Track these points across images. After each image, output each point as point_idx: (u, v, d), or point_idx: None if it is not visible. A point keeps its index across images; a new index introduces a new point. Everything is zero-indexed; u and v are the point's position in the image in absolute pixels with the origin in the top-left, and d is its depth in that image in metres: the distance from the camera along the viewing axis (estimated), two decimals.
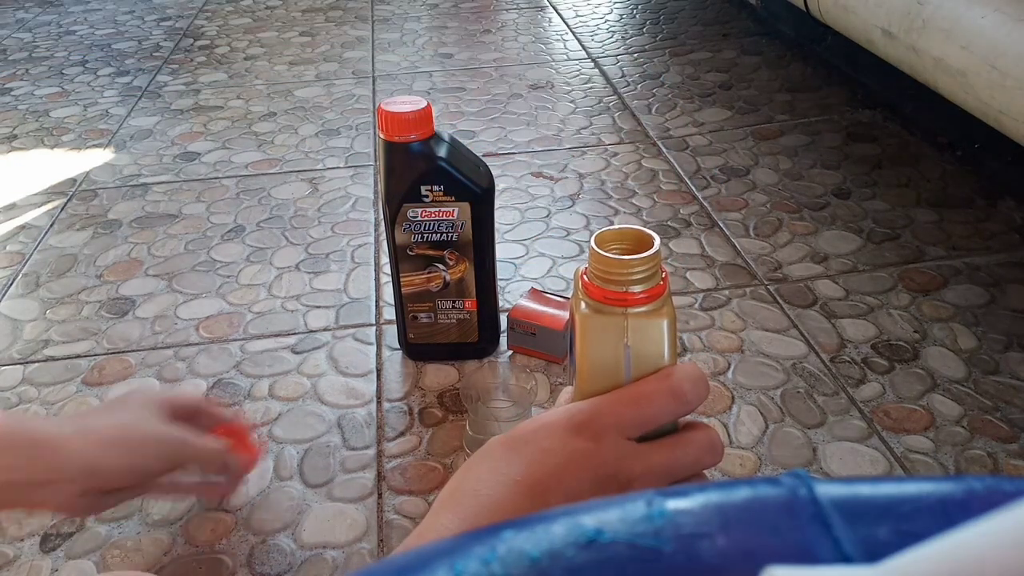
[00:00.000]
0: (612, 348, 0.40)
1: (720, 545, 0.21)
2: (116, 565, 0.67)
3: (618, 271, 0.40)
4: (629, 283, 0.40)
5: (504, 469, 0.38)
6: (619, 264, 0.40)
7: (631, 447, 0.38)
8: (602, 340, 0.40)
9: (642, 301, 0.40)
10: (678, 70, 1.54)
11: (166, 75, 1.66)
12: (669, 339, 0.40)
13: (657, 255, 0.41)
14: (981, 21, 0.81)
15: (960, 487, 0.22)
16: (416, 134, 0.73)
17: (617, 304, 0.40)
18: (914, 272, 0.96)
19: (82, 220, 1.16)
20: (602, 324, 0.40)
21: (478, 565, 0.21)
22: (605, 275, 0.40)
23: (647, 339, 0.40)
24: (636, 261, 0.40)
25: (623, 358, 0.40)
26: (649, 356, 0.40)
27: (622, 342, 0.40)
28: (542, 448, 0.38)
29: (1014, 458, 0.72)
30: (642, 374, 0.40)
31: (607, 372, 0.40)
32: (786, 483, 0.22)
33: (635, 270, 0.40)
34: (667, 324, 0.40)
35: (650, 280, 0.40)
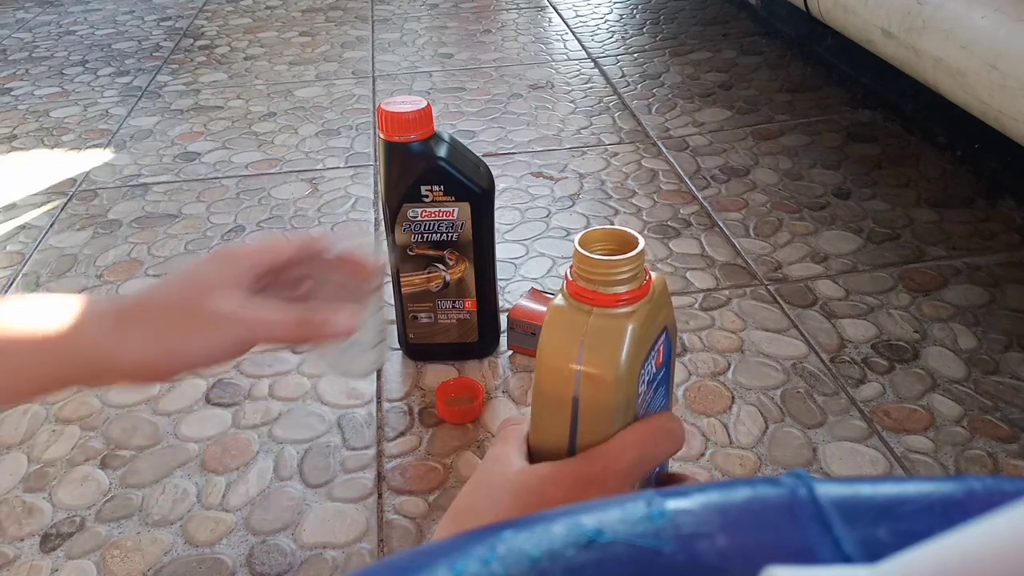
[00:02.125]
0: (569, 340, 0.39)
1: (720, 545, 0.21)
2: (116, 565, 0.67)
3: (592, 269, 0.40)
4: (600, 283, 0.39)
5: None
6: (595, 264, 0.40)
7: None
8: (561, 330, 0.40)
9: (611, 302, 0.39)
10: (678, 70, 1.54)
11: (166, 75, 1.66)
12: (631, 349, 0.39)
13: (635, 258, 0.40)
14: (981, 21, 0.81)
15: (960, 487, 0.22)
16: (416, 134, 0.73)
17: (585, 301, 0.40)
18: (914, 272, 0.96)
19: (82, 220, 1.16)
20: (566, 318, 0.40)
21: (478, 565, 0.21)
22: (581, 271, 0.40)
23: (604, 339, 0.39)
24: (610, 262, 0.39)
25: (576, 353, 0.39)
26: (602, 354, 0.38)
27: (579, 339, 0.39)
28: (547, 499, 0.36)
29: (1014, 458, 0.72)
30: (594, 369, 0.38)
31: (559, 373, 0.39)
32: (786, 483, 0.22)
33: (609, 272, 0.39)
34: (631, 329, 0.39)
35: (626, 284, 0.40)
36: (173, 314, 0.48)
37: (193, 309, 0.47)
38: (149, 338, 0.47)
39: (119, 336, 0.46)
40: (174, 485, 0.73)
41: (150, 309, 0.48)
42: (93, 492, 0.73)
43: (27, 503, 0.72)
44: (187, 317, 0.47)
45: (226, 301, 0.48)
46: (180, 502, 0.72)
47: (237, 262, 0.50)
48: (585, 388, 0.39)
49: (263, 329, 0.48)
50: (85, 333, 0.46)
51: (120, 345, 0.46)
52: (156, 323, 0.47)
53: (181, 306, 0.48)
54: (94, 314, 0.47)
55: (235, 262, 0.50)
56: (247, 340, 0.48)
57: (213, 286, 0.48)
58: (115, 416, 0.81)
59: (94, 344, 0.46)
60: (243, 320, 0.48)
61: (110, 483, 0.74)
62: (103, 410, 0.82)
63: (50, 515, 0.71)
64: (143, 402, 0.83)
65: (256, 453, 0.76)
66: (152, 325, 0.47)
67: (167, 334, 0.47)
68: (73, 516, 0.71)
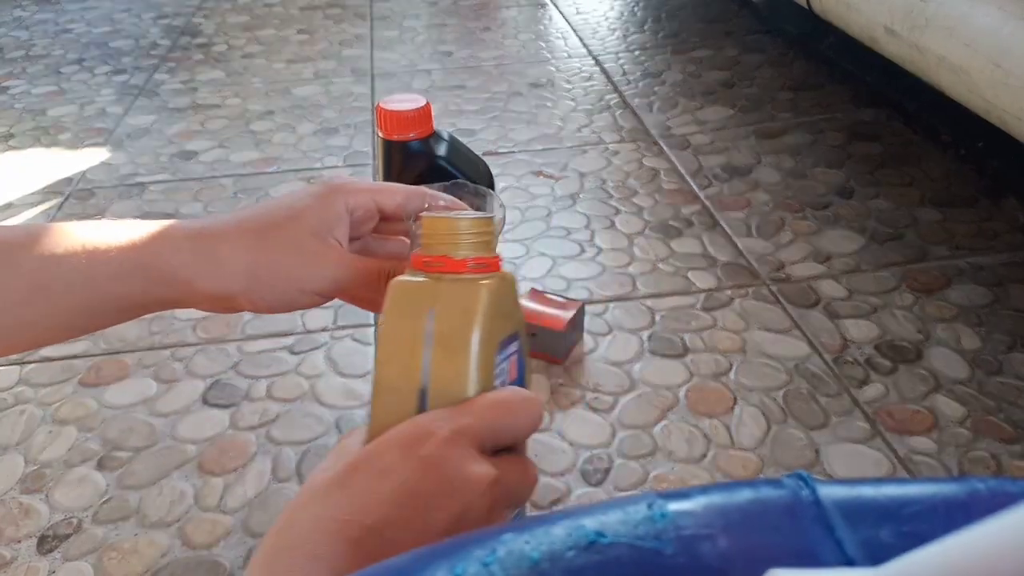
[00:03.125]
0: (415, 312, 0.35)
1: (722, 547, 0.20)
2: (113, 567, 0.66)
3: (441, 230, 0.37)
4: (451, 245, 0.36)
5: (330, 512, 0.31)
6: (443, 223, 0.37)
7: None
8: (406, 306, 0.35)
9: (461, 266, 0.36)
10: (679, 68, 1.54)
11: (163, 73, 1.66)
12: (485, 316, 0.35)
13: (485, 222, 0.37)
14: (985, 19, 0.80)
15: (963, 488, 0.22)
16: (415, 132, 0.72)
17: (433, 270, 0.36)
18: (917, 272, 0.95)
19: (79, 219, 1.16)
20: (411, 289, 0.36)
21: (478, 567, 0.20)
22: (428, 238, 0.37)
23: (457, 307, 0.35)
24: (461, 223, 0.37)
25: (425, 324, 0.35)
26: (455, 326, 0.35)
27: (428, 306, 0.35)
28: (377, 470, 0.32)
29: (1017, 459, 0.71)
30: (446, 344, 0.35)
31: (405, 343, 0.35)
32: (788, 485, 0.22)
33: (459, 232, 0.36)
34: (486, 295, 0.35)
35: (476, 249, 0.37)
36: (267, 243, 0.42)
37: (291, 240, 0.42)
38: (237, 266, 0.42)
39: (200, 261, 0.42)
40: (171, 486, 0.73)
41: (241, 233, 0.42)
42: (90, 493, 0.73)
43: (24, 504, 0.72)
44: (283, 248, 0.42)
45: (327, 238, 0.43)
46: (177, 504, 0.71)
47: (345, 196, 0.44)
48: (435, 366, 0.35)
49: (363, 277, 0.43)
50: (165, 254, 0.42)
51: (203, 271, 0.41)
52: (245, 249, 0.42)
53: (278, 235, 0.42)
54: (176, 235, 0.42)
55: (343, 196, 0.44)
56: (343, 283, 0.43)
57: (316, 218, 0.43)
58: (112, 417, 0.81)
59: (171, 267, 0.42)
60: (345, 260, 0.43)
61: (107, 484, 0.74)
62: (100, 411, 0.82)
63: (47, 517, 0.71)
64: (140, 403, 0.83)
65: (254, 454, 0.76)
66: (240, 251, 0.42)
67: (258, 264, 0.42)
68: (70, 518, 0.71)
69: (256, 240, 0.42)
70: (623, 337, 0.87)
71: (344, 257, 0.43)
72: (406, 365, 0.35)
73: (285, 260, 0.42)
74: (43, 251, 0.41)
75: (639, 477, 0.71)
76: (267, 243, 0.42)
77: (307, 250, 0.42)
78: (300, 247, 0.42)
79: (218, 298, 0.43)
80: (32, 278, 0.41)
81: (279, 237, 0.42)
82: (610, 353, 0.85)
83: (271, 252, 0.42)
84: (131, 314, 0.44)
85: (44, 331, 0.43)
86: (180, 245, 0.42)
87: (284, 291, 0.43)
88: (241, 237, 0.42)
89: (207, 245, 0.42)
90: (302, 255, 0.42)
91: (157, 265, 0.42)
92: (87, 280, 0.41)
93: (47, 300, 0.41)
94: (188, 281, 0.42)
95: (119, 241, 0.42)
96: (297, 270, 0.42)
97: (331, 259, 0.43)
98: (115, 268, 0.41)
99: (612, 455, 0.73)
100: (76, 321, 0.43)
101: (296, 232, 0.42)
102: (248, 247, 0.42)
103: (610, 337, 0.87)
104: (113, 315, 0.43)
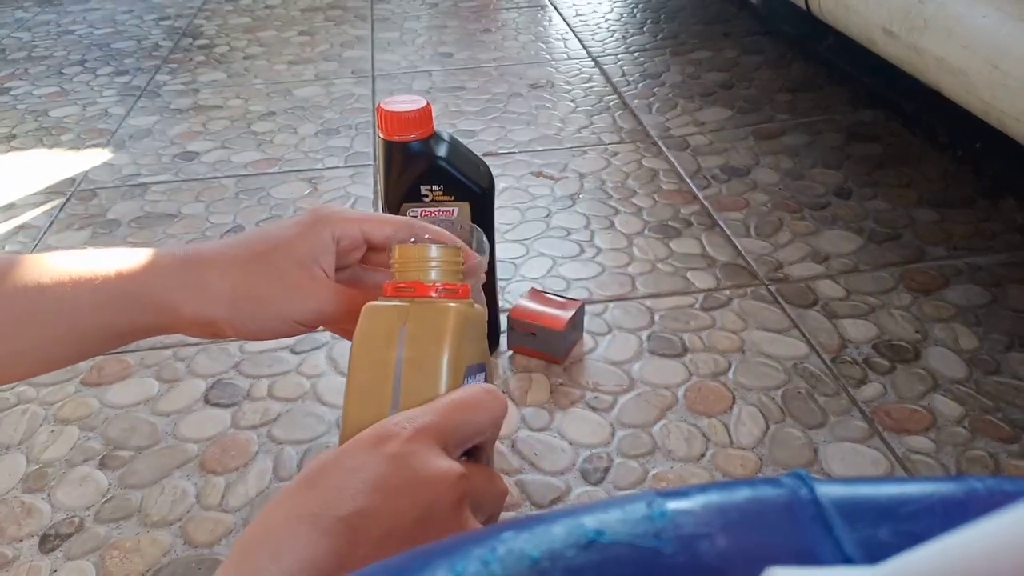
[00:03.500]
0: (387, 332, 0.37)
1: (721, 546, 0.20)
2: (115, 566, 0.66)
3: (412, 257, 0.39)
4: (421, 271, 0.39)
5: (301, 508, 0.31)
6: (415, 250, 0.39)
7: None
8: (378, 325, 0.37)
9: (431, 290, 0.38)
10: (679, 69, 1.54)
11: (165, 74, 1.66)
12: (454, 335, 0.37)
13: (454, 251, 0.40)
14: (983, 20, 0.80)
15: (961, 488, 0.22)
16: (416, 133, 0.72)
17: (405, 296, 0.38)
18: (915, 272, 0.95)
19: (81, 220, 1.16)
20: (383, 311, 0.38)
21: (478, 566, 0.21)
22: (400, 265, 0.39)
23: (428, 325, 0.37)
24: (429, 248, 0.39)
25: (396, 342, 0.36)
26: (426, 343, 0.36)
27: (399, 326, 0.37)
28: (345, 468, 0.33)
29: (1015, 459, 0.71)
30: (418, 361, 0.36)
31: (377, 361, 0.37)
32: (787, 484, 0.22)
33: (430, 258, 0.39)
34: (455, 315, 0.37)
35: (445, 275, 0.39)
36: (252, 272, 0.43)
37: (275, 270, 0.43)
38: (220, 294, 0.42)
39: (186, 286, 0.42)
40: (173, 486, 0.73)
41: (227, 261, 0.43)
42: (92, 493, 0.73)
43: (26, 504, 0.72)
44: (267, 278, 0.43)
45: (313, 268, 0.43)
46: (179, 503, 0.72)
47: (332, 227, 0.44)
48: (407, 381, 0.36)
49: (347, 308, 0.43)
50: (151, 281, 0.42)
51: (187, 297, 0.42)
52: (230, 278, 0.43)
53: (262, 264, 0.43)
54: (162, 262, 0.43)
55: (330, 226, 0.44)
56: (327, 314, 0.44)
57: (301, 249, 0.43)
58: (114, 416, 0.81)
59: (156, 294, 0.42)
60: (330, 291, 0.44)
61: (109, 483, 0.74)
62: (102, 410, 0.82)
63: (49, 516, 0.71)
64: (142, 402, 0.83)
65: (255, 453, 0.76)
66: (226, 279, 0.42)
67: (241, 293, 0.42)
68: (72, 517, 0.71)
69: (241, 269, 0.43)
70: (622, 337, 0.88)
71: (327, 288, 0.44)
72: (378, 381, 0.36)
73: (268, 289, 0.43)
74: (28, 281, 0.41)
75: (638, 476, 0.72)
76: (251, 272, 0.43)
77: (290, 280, 0.43)
78: (283, 277, 0.43)
79: (202, 324, 0.43)
80: (18, 309, 0.41)
81: (263, 266, 0.43)
82: (610, 353, 0.85)
83: (255, 281, 0.43)
84: (118, 342, 0.44)
85: (33, 362, 0.43)
86: (165, 272, 0.42)
87: (266, 319, 0.43)
88: (226, 265, 0.43)
89: (192, 272, 0.42)
90: (285, 285, 0.43)
91: (143, 292, 0.42)
92: (73, 309, 0.41)
93: (34, 331, 0.42)
94: (173, 307, 0.42)
95: (105, 270, 0.42)
96: (279, 300, 0.43)
97: (314, 290, 0.43)
98: (101, 297, 0.42)
99: (612, 454, 0.74)
100: (64, 351, 0.43)
101: (281, 262, 0.43)
102: (232, 275, 0.43)
103: (610, 337, 0.88)
104: (100, 344, 0.44)
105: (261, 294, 0.43)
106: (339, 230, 0.45)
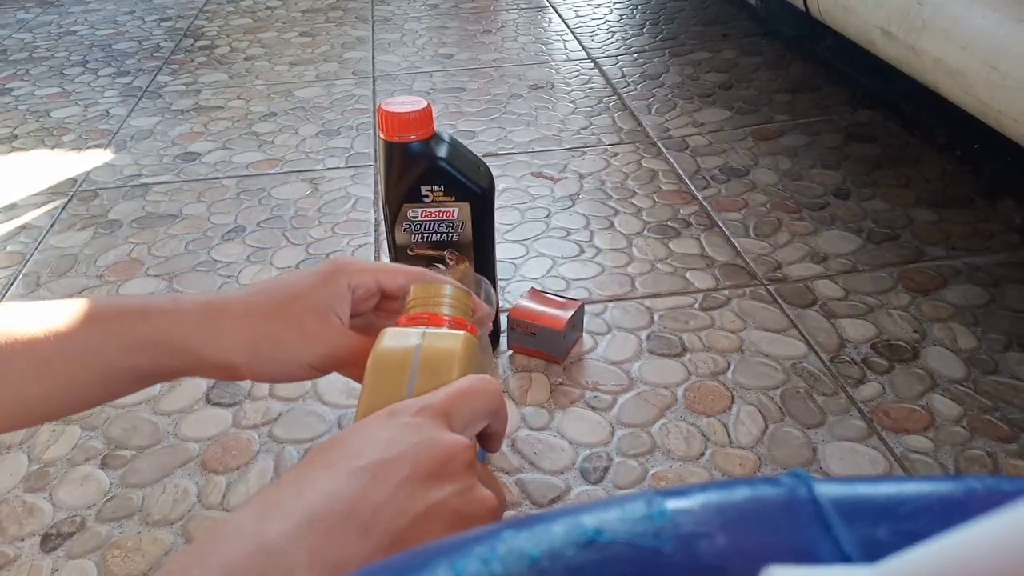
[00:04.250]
0: (402, 351, 0.41)
1: (720, 545, 0.21)
2: (116, 565, 0.67)
3: (428, 293, 0.44)
4: (435, 305, 0.44)
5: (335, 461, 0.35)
6: (430, 287, 0.44)
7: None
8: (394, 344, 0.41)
9: (443, 320, 0.43)
10: (678, 70, 1.54)
11: (166, 75, 1.66)
12: (463, 358, 0.41)
13: (465, 294, 0.45)
14: (981, 21, 0.81)
15: (960, 487, 0.22)
16: (416, 134, 0.73)
17: (419, 324, 0.43)
18: (914, 272, 0.96)
19: (83, 220, 1.16)
20: (400, 332, 0.42)
21: (478, 564, 0.21)
22: (415, 300, 0.44)
23: (439, 347, 0.41)
24: (445, 286, 0.45)
25: (410, 362, 0.40)
26: (438, 361, 0.40)
27: (414, 346, 0.41)
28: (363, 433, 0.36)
29: (1013, 458, 0.72)
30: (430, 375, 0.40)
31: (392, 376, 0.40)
32: (786, 483, 0.22)
33: (443, 295, 0.44)
34: (464, 341, 0.42)
35: (456, 311, 0.44)
36: (270, 318, 0.46)
37: (292, 317, 0.46)
38: (239, 339, 0.45)
39: (208, 333, 0.45)
40: (174, 485, 0.73)
41: (247, 309, 0.46)
42: (93, 492, 0.73)
43: (27, 503, 0.72)
44: (284, 325, 0.46)
45: (329, 315, 0.47)
46: (180, 502, 0.72)
47: (348, 276, 0.48)
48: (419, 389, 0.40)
49: (360, 354, 0.46)
50: (175, 327, 0.45)
51: (208, 342, 0.45)
52: (250, 324, 0.46)
53: (280, 312, 0.46)
54: (185, 308, 0.45)
55: (346, 276, 0.48)
56: (341, 359, 0.47)
57: (318, 297, 0.47)
58: (115, 416, 0.81)
59: (179, 339, 0.45)
60: (345, 337, 0.47)
61: (110, 483, 0.74)
62: (103, 410, 0.82)
63: (50, 515, 0.71)
64: (143, 402, 0.83)
65: (256, 453, 0.76)
66: (245, 326, 0.45)
67: (259, 338, 0.45)
68: (73, 516, 0.71)
69: (261, 316, 0.46)
70: (622, 336, 0.88)
71: (342, 334, 0.47)
72: (391, 395, 0.39)
73: (285, 337, 0.46)
74: (57, 325, 0.44)
75: (638, 475, 0.72)
76: (271, 320, 0.46)
77: (307, 328, 0.46)
78: (301, 324, 0.46)
79: (222, 367, 0.46)
80: (48, 351, 0.43)
81: (283, 315, 0.46)
82: (609, 352, 0.86)
83: (273, 328, 0.46)
84: (141, 384, 0.47)
85: (61, 404, 0.45)
86: (188, 319, 0.45)
87: (283, 364, 0.46)
88: (246, 314, 0.46)
89: (214, 320, 0.45)
90: (302, 332, 0.46)
91: (167, 338, 0.45)
92: (101, 353, 0.44)
93: (63, 374, 0.44)
94: (195, 351, 0.45)
95: (131, 316, 0.45)
96: (295, 346, 0.46)
97: (329, 336, 0.47)
98: (127, 341, 0.44)
99: (611, 453, 0.74)
100: (91, 393, 0.45)
101: (298, 311, 0.46)
102: (252, 323, 0.46)
103: (609, 336, 0.88)
104: (125, 385, 0.46)
105: (279, 341, 0.46)
106: (355, 280, 0.48)
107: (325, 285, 0.47)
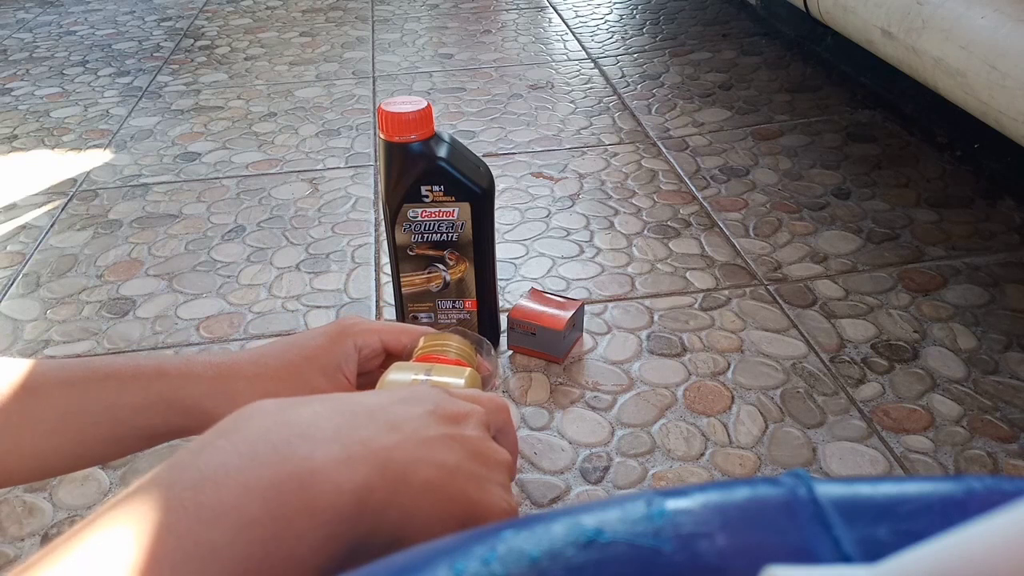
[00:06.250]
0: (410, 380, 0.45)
1: (720, 545, 0.21)
2: None
3: (437, 341, 0.49)
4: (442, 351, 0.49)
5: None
6: (438, 336, 0.49)
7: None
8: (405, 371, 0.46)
9: (449, 360, 0.48)
10: (678, 70, 1.54)
11: (166, 75, 1.66)
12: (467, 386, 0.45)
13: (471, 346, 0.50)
14: (981, 21, 0.81)
15: (960, 487, 0.22)
16: (416, 134, 0.73)
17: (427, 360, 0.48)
18: (914, 272, 0.96)
19: (83, 220, 1.16)
20: (409, 364, 0.47)
21: (478, 564, 0.21)
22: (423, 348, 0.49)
23: (447, 375, 0.45)
24: (452, 338, 0.50)
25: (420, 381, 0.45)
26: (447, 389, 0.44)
27: (423, 377, 0.45)
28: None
29: (1014, 458, 0.72)
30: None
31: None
32: (786, 483, 0.22)
33: (449, 343, 0.49)
34: (470, 372, 0.46)
35: (461, 356, 0.49)
36: (280, 380, 0.48)
37: (301, 378, 0.49)
38: (251, 400, 0.46)
39: (219, 395, 0.47)
40: None
41: (257, 371, 0.49)
42: (94, 492, 0.73)
43: (28, 503, 0.72)
44: (294, 386, 0.48)
45: (337, 375, 0.50)
46: None
47: (354, 337, 0.51)
48: None
49: None
50: (187, 388, 0.47)
51: (220, 403, 0.47)
52: (260, 386, 0.48)
53: (289, 373, 0.49)
54: (197, 370, 0.47)
55: (352, 337, 0.51)
56: None
57: (325, 358, 0.50)
58: None
59: (191, 400, 0.47)
60: None
61: (110, 483, 0.74)
62: None
63: (50, 515, 0.71)
64: None
65: None
66: (256, 387, 0.48)
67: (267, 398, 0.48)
68: (74, 516, 0.71)
69: (271, 378, 0.48)
70: (622, 336, 0.88)
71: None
72: None
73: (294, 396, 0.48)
74: (72, 383, 0.45)
75: (638, 475, 0.72)
76: (280, 382, 0.48)
77: (316, 387, 0.48)
78: (309, 384, 0.49)
79: None
80: (63, 407, 0.45)
81: (292, 376, 0.49)
82: (609, 352, 0.86)
83: (283, 390, 0.47)
84: (151, 443, 0.48)
85: (71, 459, 0.47)
86: (200, 380, 0.47)
87: None
88: (257, 376, 0.48)
89: (225, 381, 0.47)
90: (311, 392, 0.48)
91: (179, 398, 0.46)
92: (114, 411, 0.45)
93: (76, 429, 0.45)
94: (206, 412, 0.46)
95: (144, 375, 0.46)
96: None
97: None
98: (140, 400, 0.46)
99: (611, 453, 0.74)
100: (101, 449, 0.47)
101: (307, 372, 0.49)
102: (262, 385, 0.48)
103: (609, 336, 0.88)
104: (135, 443, 0.47)
105: None
106: (361, 340, 0.51)
107: (332, 346, 0.50)
